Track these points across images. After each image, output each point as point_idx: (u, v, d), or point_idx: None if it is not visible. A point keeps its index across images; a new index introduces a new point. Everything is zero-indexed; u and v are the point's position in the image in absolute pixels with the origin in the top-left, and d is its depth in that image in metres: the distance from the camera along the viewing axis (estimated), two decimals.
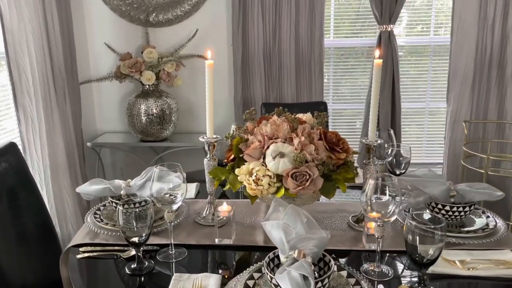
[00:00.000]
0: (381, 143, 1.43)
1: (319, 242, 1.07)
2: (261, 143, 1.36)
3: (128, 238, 1.20)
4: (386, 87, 2.91)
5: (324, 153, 1.33)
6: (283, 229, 1.08)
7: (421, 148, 3.31)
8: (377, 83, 1.39)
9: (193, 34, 2.93)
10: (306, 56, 2.93)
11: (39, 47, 2.17)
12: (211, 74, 1.45)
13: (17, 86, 2.13)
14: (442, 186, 1.41)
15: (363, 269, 1.21)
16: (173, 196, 1.30)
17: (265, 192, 1.32)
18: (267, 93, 2.99)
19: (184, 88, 3.12)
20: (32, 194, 1.68)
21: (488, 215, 1.48)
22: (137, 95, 2.90)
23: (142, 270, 1.22)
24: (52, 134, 2.29)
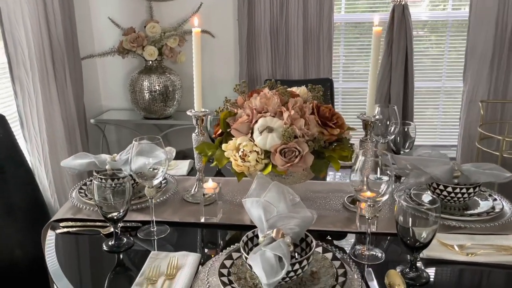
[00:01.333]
0: (379, 119, 1.33)
1: (302, 222, 1.00)
2: (249, 117, 1.28)
3: (105, 214, 1.14)
4: (399, 64, 2.77)
5: (315, 129, 1.24)
6: (263, 207, 1.01)
7: (436, 129, 3.17)
8: (376, 53, 1.28)
9: (197, 8, 2.83)
10: (314, 32, 2.80)
11: (35, 19, 2.12)
12: (199, 43, 1.36)
13: (12, 58, 2.08)
14: (445, 166, 1.31)
15: (352, 252, 1.13)
16: (156, 171, 1.23)
17: (252, 168, 1.25)
18: (274, 69, 2.89)
19: (188, 65, 3.02)
20: (20, 168, 1.65)
21: (495, 197, 1.37)
22: (140, 71, 2.85)
23: (120, 247, 1.17)
24: (49, 108, 2.25)
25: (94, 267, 1.17)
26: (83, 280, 1.10)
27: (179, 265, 1.06)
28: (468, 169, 1.31)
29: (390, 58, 2.78)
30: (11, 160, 1.61)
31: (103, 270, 1.14)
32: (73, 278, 1.07)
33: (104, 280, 1.07)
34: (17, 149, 1.65)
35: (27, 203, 1.64)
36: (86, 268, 1.17)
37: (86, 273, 1.14)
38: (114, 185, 1.15)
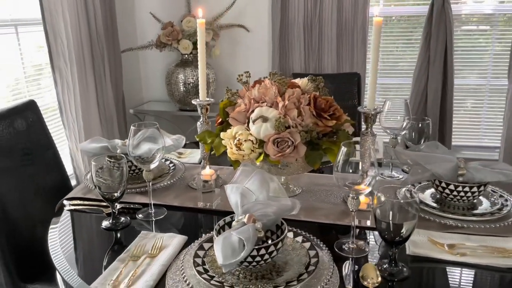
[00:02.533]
0: (380, 111, 1.30)
1: (278, 209, 1.01)
2: (247, 106, 1.30)
3: (103, 194, 1.21)
4: (437, 60, 2.66)
5: (310, 119, 1.24)
6: (242, 193, 1.03)
7: (479, 129, 3.00)
8: (377, 44, 1.25)
9: (232, 3, 2.88)
10: (349, 25, 2.75)
11: (74, 13, 2.26)
12: (203, 34, 1.40)
13: (53, 48, 2.24)
14: (449, 163, 1.25)
15: (337, 245, 1.12)
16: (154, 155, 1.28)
17: (246, 157, 1.27)
18: (307, 64, 2.87)
19: (223, 59, 3.10)
20: (49, 151, 1.77)
21: (506, 198, 1.30)
22: (176, 64, 2.94)
23: (116, 225, 1.24)
24: (86, 97, 2.39)
25: (91, 243, 1.25)
26: (78, 254, 1.17)
27: (163, 245, 1.11)
28: (475, 167, 1.25)
29: (428, 53, 2.67)
30: (40, 144, 1.74)
31: (98, 246, 1.21)
32: (68, 252, 1.14)
33: (96, 255, 1.14)
34: (46, 133, 1.77)
35: (53, 184, 1.76)
36: (84, 243, 1.24)
37: (82, 249, 1.21)
38: (112, 166, 1.21)
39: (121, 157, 1.22)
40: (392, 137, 1.54)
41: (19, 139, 1.65)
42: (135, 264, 1.03)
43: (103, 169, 1.24)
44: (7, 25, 2.24)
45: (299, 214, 1.28)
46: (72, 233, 1.26)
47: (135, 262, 1.04)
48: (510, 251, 1.05)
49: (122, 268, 1.01)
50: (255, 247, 0.90)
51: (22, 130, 1.68)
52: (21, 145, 1.65)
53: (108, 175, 1.22)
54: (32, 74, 2.38)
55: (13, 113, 1.67)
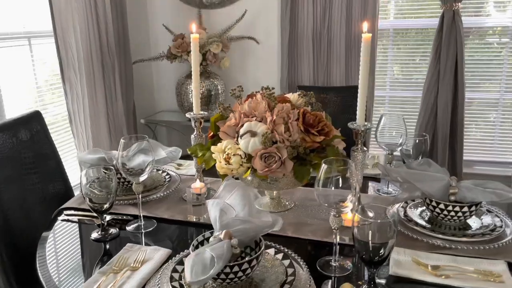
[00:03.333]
0: (369, 128, 1.28)
1: (257, 226, 1.01)
2: (237, 121, 1.31)
3: (92, 205, 1.23)
4: (447, 73, 2.61)
5: (297, 135, 1.24)
6: (222, 208, 1.03)
7: (492, 144, 2.93)
8: (366, 61, 1.24)
9: (241, 15, 2.90)
10: (357, 38, 2.74)
11: (84, 25, 2.32)
12: (197, 48, 1.42)
13: (63, 60, 2.30)
14: (439, 182, 1.23)
15: (320, 263, 1.11)
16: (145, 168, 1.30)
17: (235, 171, 1.27)
18: (315, 76, 2.87)
19: (233, 70, 3.12)
20: (52, 161, 1.81)
21: (501, 218, 1.26)
22: (186, 75, 2.98)
23: (105, 237, 1.26)
24: (94, 107, 2.44)
25: (80, 254, 1.27)
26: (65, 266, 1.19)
27: (146, 258, 1.12)
28: (467, 186, 1.22)
29: (438, 67, 2.62)
30: (44, 153, 1.78)
31: (87, 257, 1.23)
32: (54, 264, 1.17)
33: (81, 266, 1.15)
34: (50, 142, 1.82)
35: (56, 193, 1.80)
36: (72, 254, 1.26)
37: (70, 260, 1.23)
38: (100, 178, 1.23)
39: (111, 169, 1.24)
40: (388, 153, 1.52)
41: (23, 149, 1.69)
42: (115, 276, 1.04)
43: (99, 180, 1.27)
44: (21, 37, 2.32)
45: (286, 230, 1.28)
46: (62, 243, 1.29)
47: (116, 274, 1.05)
48: (497, 275, 1.02)
49: (102, 280, 1.02)
50: (229, 264, 0.90)
51: (26, 140, 1.73)
52: (25, 155, 1.70)
53: (105, 186, 1.25)
54: (44, 85, 2.45)
55: (18, 124, 1.73)
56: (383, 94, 3.01)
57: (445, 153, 2.71)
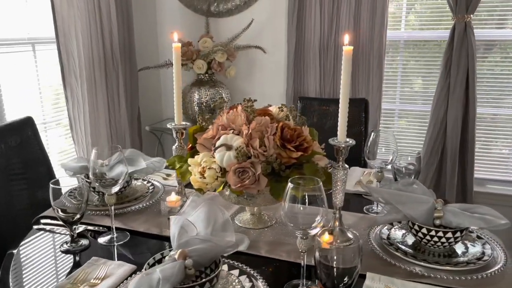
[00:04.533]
0: (352, 144, 1.22)
1: (218, 246, 0.96)
2: (213, 133, 1.27)
3: (60, 216, 1.21)
4: (458, 87, 2.51)
5: (273, 150, 1.18)
6: (182, 225, 0.99)
7: (507, 162, 2.79)
8: (347, 74, 1.18)
9: (248, 24, 2.87)
10: (366, 49, 2.67)
11: (86, 32, 2.33)
12: (179, 57, 1.39)
13: (65, 66, 2.32)
14: (424, 205, 1.15)
15: (287, 287, 1.05)
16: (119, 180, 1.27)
17: (209, 185, 1.23)
18: (322, 87, 2.80)
19: (240, 79, 3.09)
20: (42, 167, 1.81)
21: (492, 246, 1.17)
22: (192, 84, 2.96)
23: (74, 248, 1.23)
24: (95, 114, 2.44)
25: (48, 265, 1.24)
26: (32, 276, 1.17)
27: (108, 274, 1.08)
28: (453, 210, 1.14)
29: (448, 80, 2.52)
30: (34, 159, 1.78)
31: (54, 269, 1.20)
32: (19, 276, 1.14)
33: (49, 280, 1.12)
34: (41, 148, 1.82)
35: (45, 199, 1.79)
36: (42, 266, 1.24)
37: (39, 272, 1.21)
38: (70, 190, 1.20)
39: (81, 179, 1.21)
40: (378, 171, 1.45)
41: (12, 155, 1.70)
42: None
43: (80, 189, 1.24)
44: (25, 43, 2.34)
45: (260, 249, 1.22)
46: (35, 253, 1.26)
47: None
48: None
49: None
50: (178, 286, 0.85)
51: (16, 146, 1.73)
52: (13, 160, 1.70)
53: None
54: (47, 90, 2.47)
55: (9, 129, 1.73)
56: (392, 107, 2.92)
57: (454, 170, 2.60)
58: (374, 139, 1.42)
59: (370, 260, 1.14)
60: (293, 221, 0.99)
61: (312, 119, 2.29)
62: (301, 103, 2.35)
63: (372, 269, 1.09)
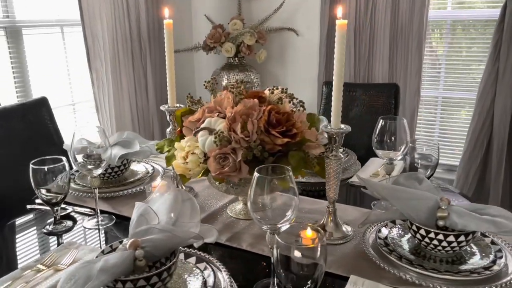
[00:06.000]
0: (346, 131, 1.08)
1: (178, 238, 0.88)
2: (199, 115, 1.18)
3: (42, 197, 1.18)
4: (507, 73, 2.24)
5: (256, 135, 1.08)
6: (142, 213, 0.92)
7: None
8: (341, 53, 1.05)
9: (279, 5, 2.75)
10: (405, 30, 2.45)
11: (111, 15, 2.32)
12: (171, 35, 1.32)
13: (90, 49, 2.33)
14: (425, 202, 1.00)
15: (257, 286, 0.96)
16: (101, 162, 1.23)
17: (192, 172, 1.15)
18: (356, 71, 2.63)
19: (271, 63, 2.98)
20: (55, 147, 1.82)
21: (505, 253, 1.00)
22: (222, 67, 2.90)
23: (57, 230, 1.21)
24: (119, 97, 2.45)
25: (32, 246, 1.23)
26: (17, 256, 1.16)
27: (76, 259, 1.04)
28: (459, 210, 0.98)
29: (497, 65, 2.26)
30: (48, 139, 1.80)
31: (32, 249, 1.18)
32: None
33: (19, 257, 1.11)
34: (55, 128, 1.84)
35: None
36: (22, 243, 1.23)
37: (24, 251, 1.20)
38: (47, 169, 1.16)
39: (61, 160, 1.18)
40: (387, 163, 1.30)
41: (26, 134, 1.72)
42: (34, 275, 0.98)
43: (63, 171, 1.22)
44: (54, 25, 2.38)
45: (242, 242, 1.14)
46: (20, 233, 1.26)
47: (36, 273, 0.99)
48: None
49: (15, 279, 0.96)
50: (121, 278, 0.79)
51: (29, 125, 1.76)
52: (27, 139, 1.73)
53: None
54: (76, 72, 2.51)
55: (23, 108, 1.76)
56: (435, 94, 2.68)
57: (501, 167, 2.34)
58: (383, 127, 1.27)
59: (360, 262, 1.02)
60: (261, 215, 0.89)
61: None
62: (326, 88, 2.20)
63: (358, 272, 0.97)
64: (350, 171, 1.60)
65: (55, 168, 1.17)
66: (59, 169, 1.17)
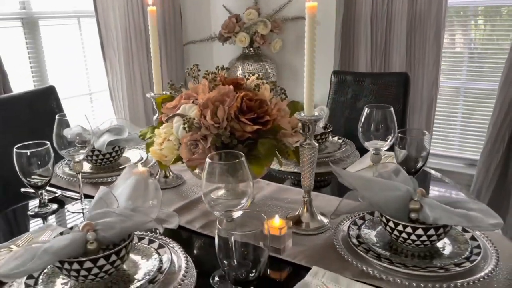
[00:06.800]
0: (319, 118, 1.04)
1: (131, 222, 0.88)
2: (177, 102, 1.18)
3: (27, 181, 1.22)
4: None
5: (226, 122, 1.06)
6: (101, 197, 0.93)
7: None
8: (311, 38, 1.01)
9: None
10: (423, 17, 2.34)
11: (123, 5, 2.36)
12: (155, 22, 1.31)
13: (104, 39, 2.38)
14: (397, 193, 0.96)
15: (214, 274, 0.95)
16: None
17: (168, 158, 1.15)
18: (373, 61, 2.54)
19: (287, 53, 2.93)
20: None
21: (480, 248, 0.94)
22: (237, 58, 2.88)
23: (42, 212, 1.24)
24: (132, 87, 2.49)
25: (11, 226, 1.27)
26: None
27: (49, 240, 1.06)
28: (431, 203, 0.93)
29: None
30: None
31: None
32: None
33: None
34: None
35: None
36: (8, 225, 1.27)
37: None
38: (30, 153, 1.20)
39: (45, 144, 1.21)
40: (374, 153, 1.25)
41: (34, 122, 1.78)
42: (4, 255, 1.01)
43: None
44: (71, 17, 2.45)
45: (213, 229, 1.12)
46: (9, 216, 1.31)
47: (8, 252, 1.02)
48: None
49: None
50: (67, 259, 0.80)
51: (37, 113, 1.82)
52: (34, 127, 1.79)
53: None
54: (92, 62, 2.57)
55: (30, 97, 1.82)
56: (457, 85, 2.56)
57: None
58: (368, 115, 1.22)
59: (329, 253, 0.99)
60: (214, 203, 0.87)
61: (345, 96, 2.08)
62: (336, 78, 2.14)
63: (325, 264, 0.94)
64: (346, 162, 1.56)
65: (38, 152, 1.20)
66: (41, 153, 1.20)
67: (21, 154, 1.19)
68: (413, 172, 1.26)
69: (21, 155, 1.19)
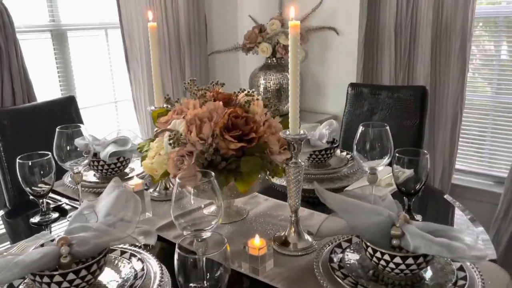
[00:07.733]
0: (303, 137, 1.02)
1: (105, 237, 0.90)
2: (169, 117, 1.20)
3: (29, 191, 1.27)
4: None
5: (211, 138, 1.06)
6: (82, 211, 0.96)
7: None
8: (294, 54, 1.00)
9: (318, 4, 2.67)
10: (448, 27, 2.25)
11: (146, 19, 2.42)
12: (155, 38, 1.34)
13: (128, 50, 2.45)
14: (377, 217, 0.92)
15: None
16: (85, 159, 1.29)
17: (159, 172, 1.17)
18: (397, 73, 2.47)
19: (311, 63, 2.90)
20: None
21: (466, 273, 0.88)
22: (260, 68, 2.88)
23: (43, 220, 1.29)
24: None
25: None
26: None
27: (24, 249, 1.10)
28: (412, 231, 0.89)
29: None
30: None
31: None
32: None
33: None
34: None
35: None
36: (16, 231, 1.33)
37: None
38: (31, 163, 1.25)
39: (47, 154, 1.26)
40: (370, 173, 1.21)
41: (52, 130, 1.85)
42: None
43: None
44: (98, 28, 2.54)
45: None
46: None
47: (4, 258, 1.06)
48: None
49: None
50: (37, 272, 0.82)
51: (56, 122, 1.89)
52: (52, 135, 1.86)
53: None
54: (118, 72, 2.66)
55: (50, 106, 1.90)
56: (485, 99, 2.43)
57: None
58: (363, 133, 1.18)
59: (308, 276, 0.96)
60: (184, 222, 0.88)
61: (361, 108, 2.03)
62: (352, 90, 2.09)
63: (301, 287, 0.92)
64: (351, 178, 1.52)
65: (39, 162, 1.25)
66: (42, 164, 1.25)
67: (23, 165, 1.25)
68: (412, 193, 1.21)
69: (24, 165, 1.25)
